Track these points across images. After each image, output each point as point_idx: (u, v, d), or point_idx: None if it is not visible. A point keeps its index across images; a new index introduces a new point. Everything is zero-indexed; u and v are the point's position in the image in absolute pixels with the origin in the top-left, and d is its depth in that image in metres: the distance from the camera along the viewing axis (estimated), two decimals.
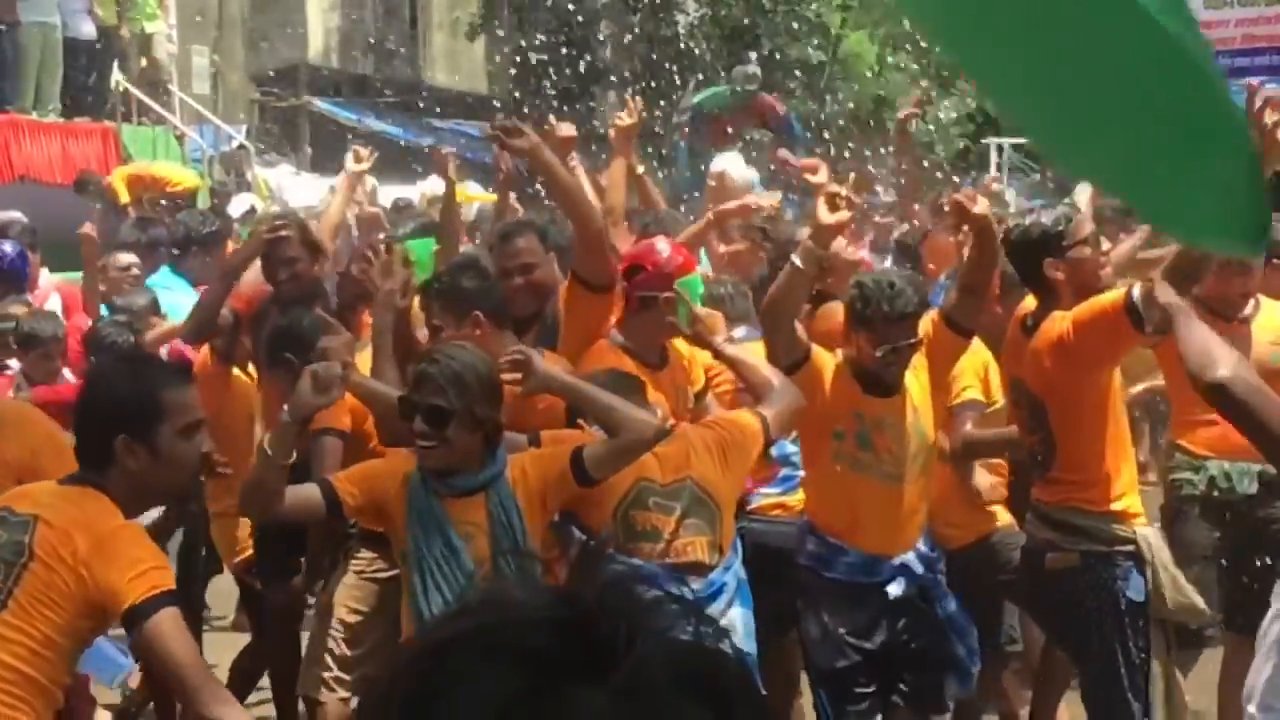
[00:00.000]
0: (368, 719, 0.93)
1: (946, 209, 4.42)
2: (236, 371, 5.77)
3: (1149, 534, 4.42)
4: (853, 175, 4.80)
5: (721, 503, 4.23)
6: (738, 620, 4.20)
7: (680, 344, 4.92)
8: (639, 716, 0.87)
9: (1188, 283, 4.33)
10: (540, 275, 4.93)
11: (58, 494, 3.16)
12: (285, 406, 3.87)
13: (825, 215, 4.36)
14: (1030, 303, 4.53)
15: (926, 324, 4.57)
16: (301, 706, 5.43)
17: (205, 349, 5.64)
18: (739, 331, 5.45)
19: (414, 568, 3.95)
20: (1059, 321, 4.30)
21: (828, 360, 4.57)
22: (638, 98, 6.13)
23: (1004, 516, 5.09)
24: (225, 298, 5.61)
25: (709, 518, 4.19)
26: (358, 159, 7.06)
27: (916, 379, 4.58)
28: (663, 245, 4.77)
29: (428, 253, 6.47)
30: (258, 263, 5.76)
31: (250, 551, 5.71)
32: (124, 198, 10.84)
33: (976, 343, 5.02)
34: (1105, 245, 4.68)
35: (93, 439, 3.19)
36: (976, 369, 4.99)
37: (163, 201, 10.58)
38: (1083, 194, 5.19)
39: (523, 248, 4.94)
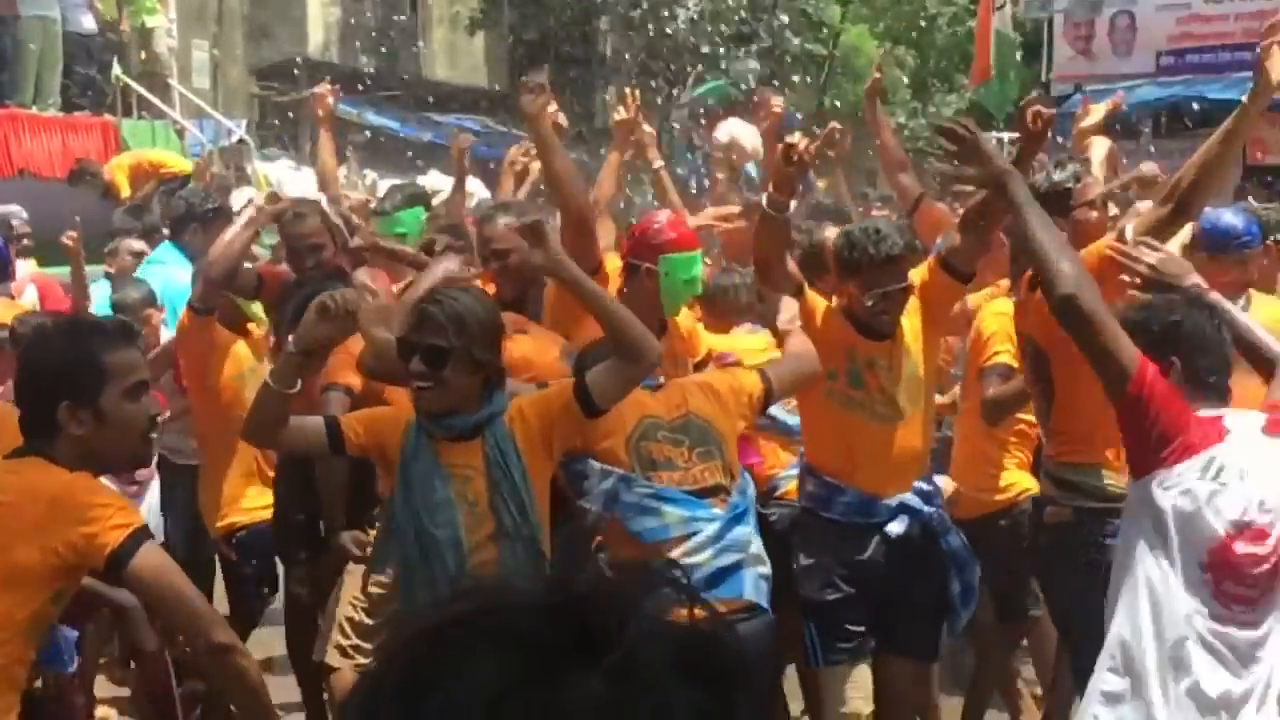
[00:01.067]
0: (361, 704, 0.94)
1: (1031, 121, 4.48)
2: (228, 332, 5.76)
3: None
4: (831, 125, 4.82)
5: (724, 435, 4.30)
6: (760, 547, 4.26)
7: (683, 316, 4.95)
8: (633, 699, 0.88)
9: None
10: (518, 259, 4.81)
11: (2, 468, 3.07)
12: (290, 337, 3.89)
13: (783, 164, 4.41)
14: None
15: (923, 269, 4.60)
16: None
17: (187, 310, 5.60)
18: (742, 328, 5.45)
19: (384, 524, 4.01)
20: None
21: (821, 301, 4.63)
22: (637, 91, 6.08)
23: (1034, 486, 5.08)
24: (250, 243, 5.59)
25: (717, 446, 4.26)
26: (322, 100, 6.80)
27: (910, 322, 4.59)
28: (661, 216, 4.79)
29: (417, 221, 6.47)
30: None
31: (233, 519, 5.72)
32: (125, 192, 10.82)
33: (1013, 307, 5.03)
34: (1113, 210, 4.67)
35: (36, 408, 3.08)
36: (1010, 333, 4.95)
37: (161, 187, 10.53)
38: (1098, 154, 5.16)
39: (499, 232, 4.88)
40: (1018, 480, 5.16)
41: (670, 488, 4.16)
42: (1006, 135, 19.23)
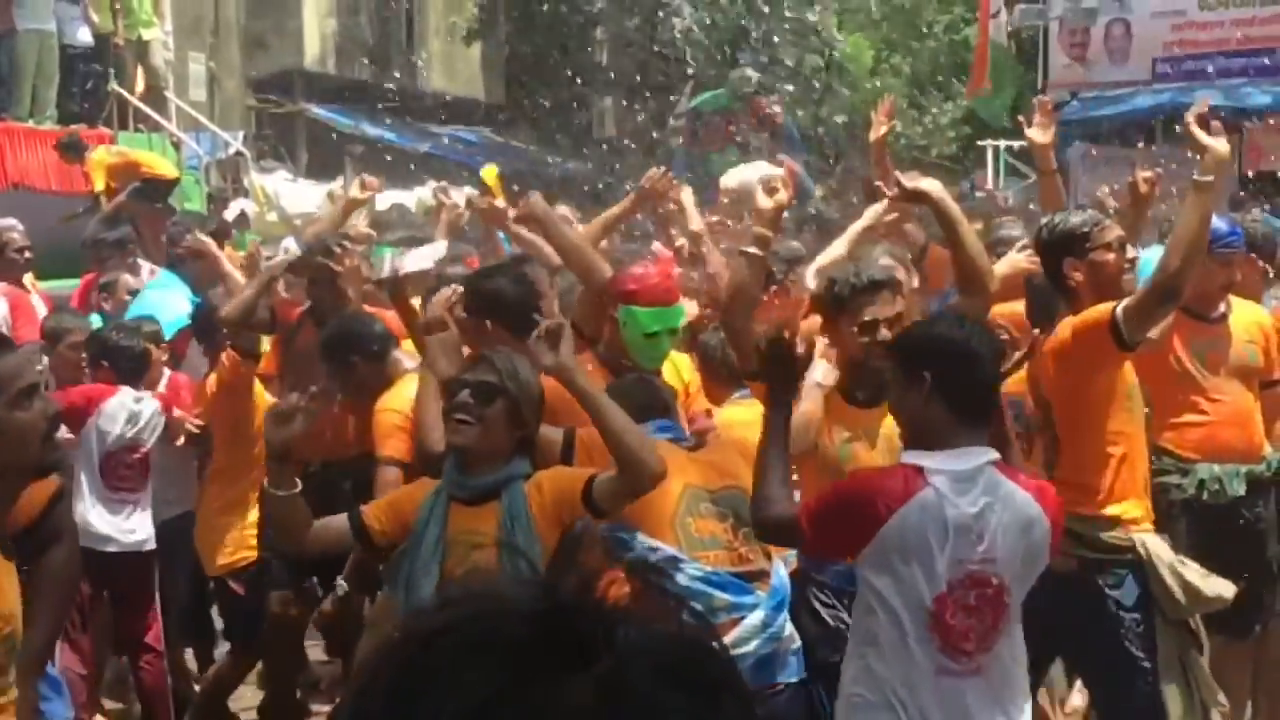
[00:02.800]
0: (352, 710, 0.94)
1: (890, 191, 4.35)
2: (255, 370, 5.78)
3: (1148, 539, 4.38)
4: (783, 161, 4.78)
5: None
6: (792, 627, 4.20)
7: (682, 371, 4.93)
8: (621, 705, 0.88)
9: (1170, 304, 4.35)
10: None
11: None
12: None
13: (763, 199, 4.31)
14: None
15: None
16: None
17: (231, 353, 5.56)
18: (735, 394, 5.35)
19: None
20: (1065, 325, 4.32)
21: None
22: (676, 181, 5.83)
23: None
24: (265, 291, 5.62)
25: None
26: (364, 188, 6.88)
27: None
28: (638, 266, 4.79)
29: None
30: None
31: (241, 555, 5.71)
32: (98, 185, 10.77)
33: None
34: (1131, 253, 4.64)
35: None
36: None
37: (132, 185, 10.44)
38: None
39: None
40: None
41: (720, 570, 4.03)
42: (1003, 144, 19.29)
